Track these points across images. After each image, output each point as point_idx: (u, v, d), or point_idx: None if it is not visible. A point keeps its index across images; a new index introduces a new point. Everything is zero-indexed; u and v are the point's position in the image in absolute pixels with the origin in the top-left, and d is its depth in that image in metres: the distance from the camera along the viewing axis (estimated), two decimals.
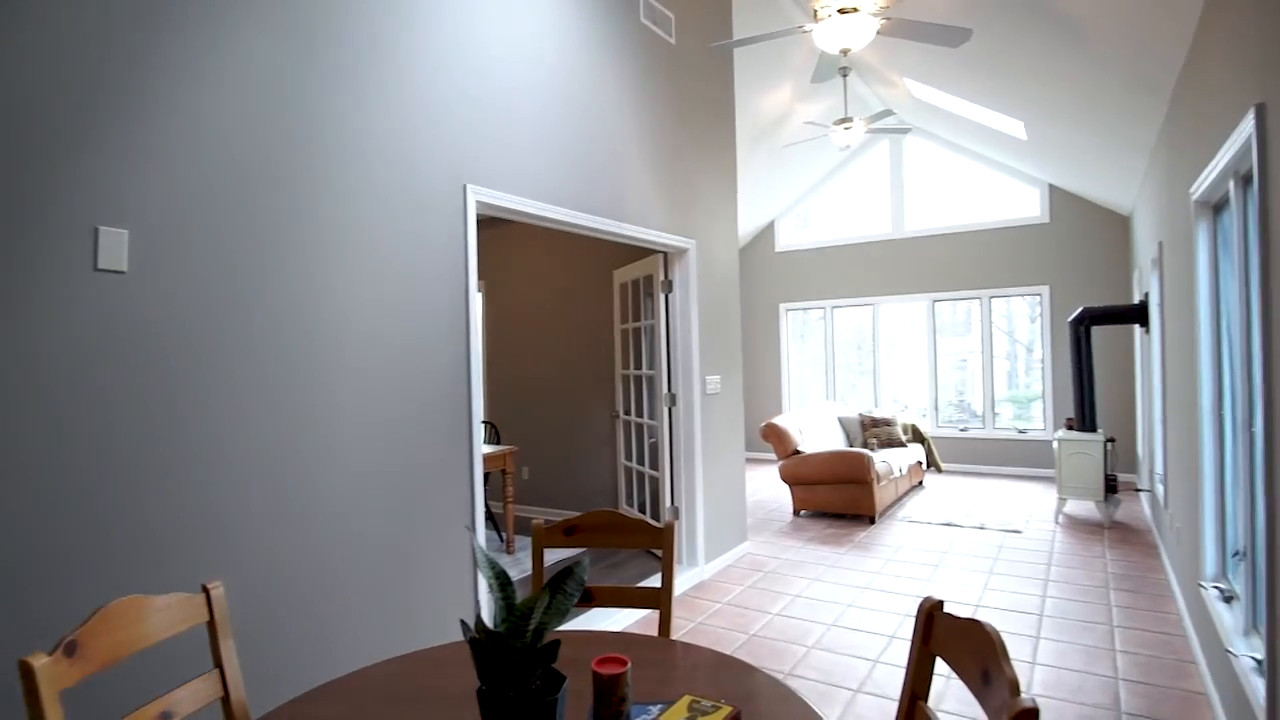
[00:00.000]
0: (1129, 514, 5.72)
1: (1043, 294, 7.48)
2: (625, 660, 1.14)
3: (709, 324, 4.47)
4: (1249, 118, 1.87)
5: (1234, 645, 2.22)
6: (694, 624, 3.62)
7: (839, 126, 6.18)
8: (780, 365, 9.14)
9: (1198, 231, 2.78)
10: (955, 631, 1.16)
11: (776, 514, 6.04)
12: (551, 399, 5.88)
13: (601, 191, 3.58)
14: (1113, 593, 3.91)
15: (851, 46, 3.14)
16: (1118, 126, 4.51)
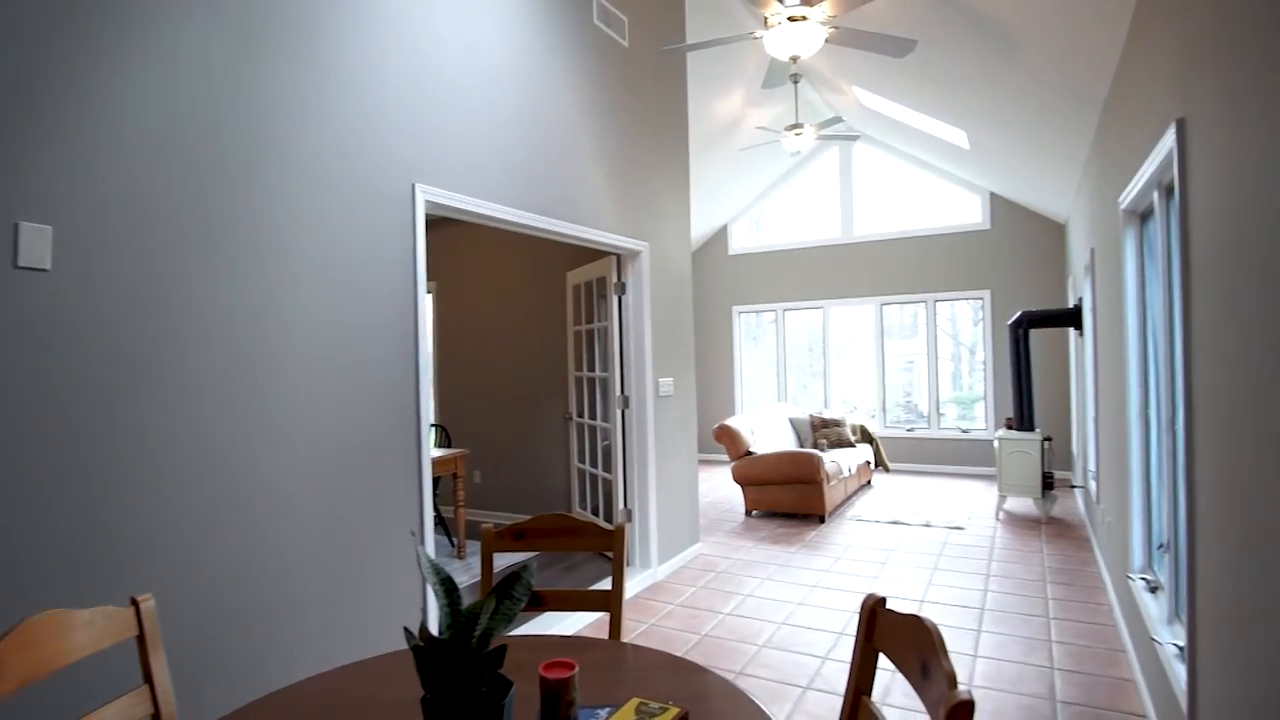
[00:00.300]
0: (1065, 510, 5.95)
1: (984, 298, 7.73)
2: (573, 664, 1.13)
3: (662, 326, 4.48)
4: (1170, 132, 1.96)
5: (1159, 634, 2.33)
6: (647, 625, 3.63)
7: (790, 132, 6.28)
8: (733, 367, 9.23)
9: (1126, 239, 2.91)
10: (896, 627, 1.19)
11: (729, 514, 6.10)
12: (504, 402, 5.82)
13: (554, 192, 3.56)
14: (1049, 585, 4.06)
15: (801, 54, 3.20)
16: (1053, 137, 4.69)
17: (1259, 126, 1.35)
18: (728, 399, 9.26)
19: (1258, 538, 1.41)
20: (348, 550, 2.39)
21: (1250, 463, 1.46)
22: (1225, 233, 1.57)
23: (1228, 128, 1.54)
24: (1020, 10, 3.26)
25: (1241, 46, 1.44)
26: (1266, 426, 1.35)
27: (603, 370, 4.60)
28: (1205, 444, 1.83)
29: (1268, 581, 1.36)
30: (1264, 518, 1.37)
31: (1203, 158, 1.75)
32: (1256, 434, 1.41)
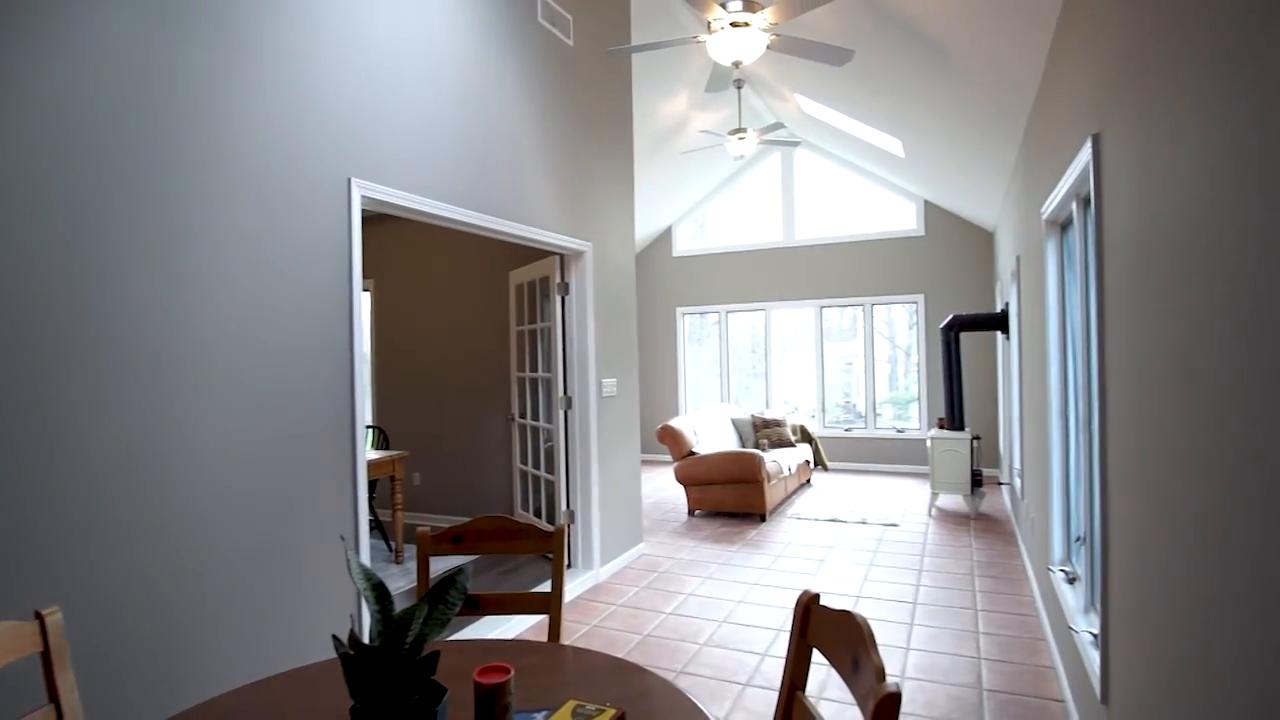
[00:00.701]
0: (992, 506, 6.21)
1: (919, 301, 8.00)
2: (508, 668, 1.12)
3: (605, 326, 4.48)
4: (1087, 146, 2.07)
5: (1075, 623, 2.45)
6: (589, 627, 3.62)
7: (733, 136, 6.36)
8: (677, 368, 9.30)
9: (1047, 247, 3.05)
10: (829, 623, 1.22)
11: (672, 514, 6.14)
12: (445, 403, 5.72)
13: (497, 191, 3.52)
14: (977, 579, 4.22)
15: (743, 59, 3.25)
16: (982, 149, 4.89)
17: (1165, 142, 1.43)
18: (671, 400, 9.32)
19: (1160, 533, 1.50)
20: (276, 557, 2.31)
21: (1154, 461, 1.55)
22: (1135, 242, 1.67)
23: (1138, 143, 1.63)
24: (951, 27, 3.38)
25: (1150, 69, 1.53)
26: (1168, 427, 1.44)
27: (546, 371, 4.57)
28: (1116, 443, 1.93)
29: (1169, 571, 1.45)
30: (1166, 513, 1.46)
31: (1116, 171, 1.85)
32: (1160, 434, 1.50)
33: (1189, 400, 1.31)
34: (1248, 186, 1.04)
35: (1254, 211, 1.01)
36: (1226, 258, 1.12)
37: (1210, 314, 1.20)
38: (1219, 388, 1.16)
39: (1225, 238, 1.13)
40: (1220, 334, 1.15)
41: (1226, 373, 1.13)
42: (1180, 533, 1.38)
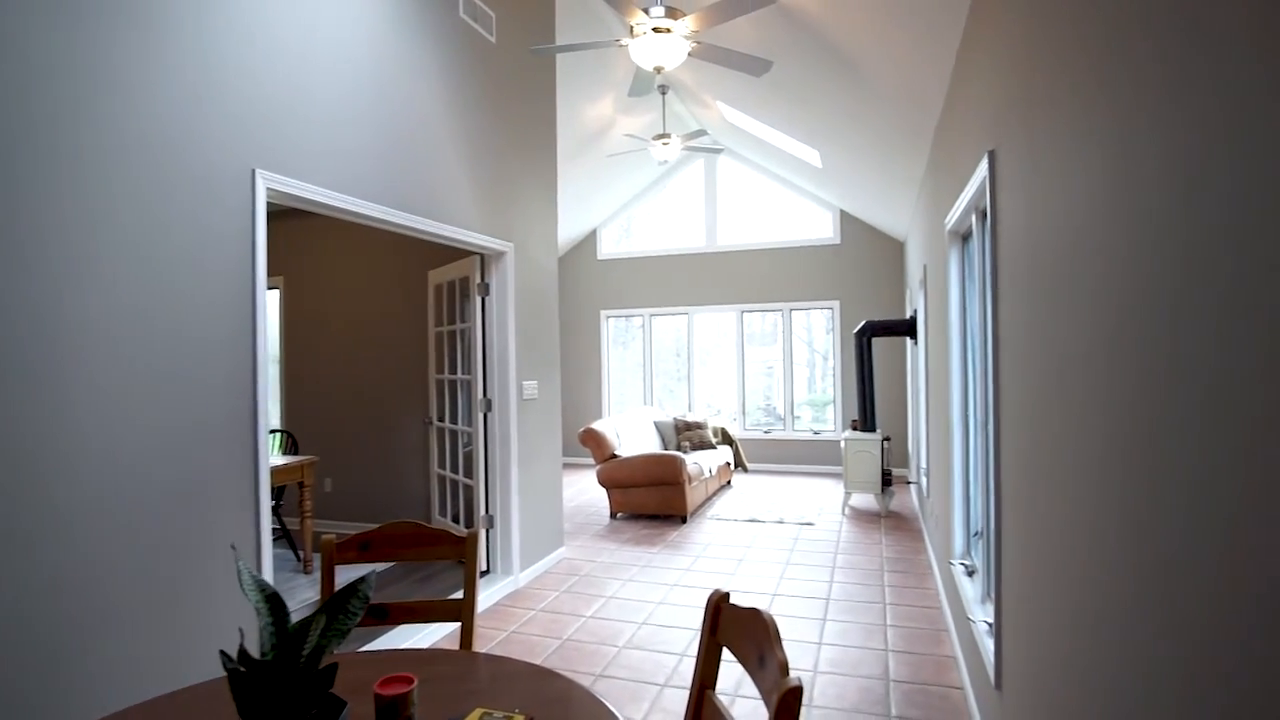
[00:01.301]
0: (901, 504, 6.48)
1: (834, 307, 8.28)
2: (411, 678, 1.08)
3: (527, 328, 4.43)
4: (984, 163, 2.19)
5: (973, 613, 2.58)
6: (507, 633, 3.56)
7: (658, 141, 6.42)
8: (601, 371, 9.29)
9: (950, 257, 3.21)
10: (737, 621, 1.24)
11: (595, 518, 6.12)
12: (359, 405, 5.52)
13: (415, 188, 3.43)
14: (886, 574, 4.39)
15: (665, 65, 3.28)
16: (894, 162, 5.11)
17: (1049, 160, 1.53)
18: (595, 402, 9.30)
19: (1044, 526, 1.60)
20: (166, 570, 2.16)
21: (1040, 459, 1.66)
22: (1025, 253, 1.78)
23: (1027, 160, 1.74)
24: (864, 44, 3.52)
25: (1036, 92, 1.63)
26: (1051, 426, 1.54)
27: (465, 373, 4.47)
28: (1008, 442, 2.05)
29: (1053, 562, 1.55)
30: (1048, 508, 1.56)
31: (1009, 185, 1.96)
32: (1045, 433, 1.60)
33: (1066, 400, 1.41)
34: (1118, 202, 1.12)
35: (1125, 225, 1.10)
36: (1101, 268, 1.20)
37: (1087, 319, 1.28)
38: (1092, 389, 1.25)
39: (1099, 250, 1.21)
40: (1095, 338, 1.24)
41: (1100, 374, 1.21)
42: (1061, 526, 1.47)
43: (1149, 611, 0.98)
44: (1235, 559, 0.74)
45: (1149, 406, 0.98)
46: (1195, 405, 0.84)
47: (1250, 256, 0.71)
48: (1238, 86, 0.73)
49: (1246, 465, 0.71)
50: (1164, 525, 0.93)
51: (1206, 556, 0.80)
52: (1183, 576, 0.87)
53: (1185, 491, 0.86)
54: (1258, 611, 0.70)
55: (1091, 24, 1.23)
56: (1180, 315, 0.88)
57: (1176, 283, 0.89)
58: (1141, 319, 1.01)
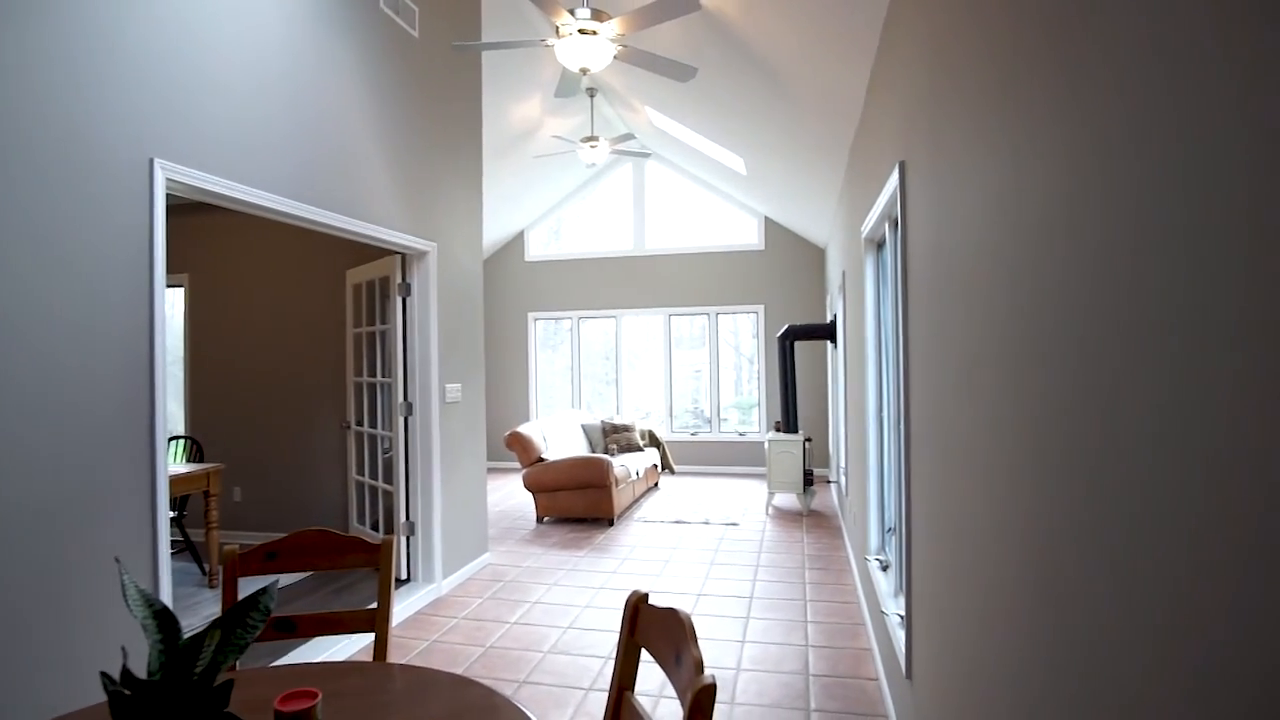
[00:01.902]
0: (822, 503, 6.67)
1: (759, 312, 8.46)
2: (315, 693, 1.04)
3: (450, 330, 4.33)
4: (895, 173, 2.28)
5: (886, 606, 2.68)
6: (428, 643, 3.47)
7: (585, 144, 6.40)
8: (528, 374, 9.19)
9: (866, 263, 3.33)
10: (655, 621, 1.24)
11: (521, 522, 6.04)
12: (272, 410, 5.27)
13: (332, 183, 3.30)
14: (807, 571, 4.51)
15: (590, 67, 3.27)
16: (815, 171, 5.26)
17: (950, 171, 1.61)
18: (523, 406, 9.19)
19: (946, 521, 1.68)
20: (58, 587, 2.00)
21: (942, 457, 1.74)
22: (931, 259, 1.86)
23: (932, 171, 1.82)
24: (786, 55, 3.61)
25: (940, 107, 1.71)
26: (954, 426, 1.61)
27: (385, 375, 4.34)
28: (918, 440, 2.14)
29: (953, 556, 1.62)
30: (951, 505, 1.64)
31: (917, 195, 2.05)
32: (947, 432, 1.68)
33: (970, 400, 1.48)
34: (1010, 211, 1.18)
35: (1015, 233, 1.16)
36: (997, 275, 1.27)
37: (987, 322, 1.35)
38: (994, 389, 1.32)
39: (994, 256, 1.28)
40: (995, 340, 1.31)
41: (1001, 375, 1.28)
42: (966, 520, 1.54)
43: (1048, 603, 1.04)
44: (1132, 552, 0.79)
45: (1047, 406, 1.04)
46: (1094, 405, 0.89)
47: (1133, 261, 0.76)
48: (1120, 103, 0.79)
49: (1144, 462, 0.76)
50: (1062, 519, 0.99)
51: (1104, 550, 0.85)
52: (1080, 569, 0.93)
53: (1083, 488, 0.92)
54: (1152, 603, 0.75)
55: (987, 45, 1.30)
56: (1069, 317, 0.94)
57: (1064, 286, 0.95)
58: (1036, 322, 1.07)
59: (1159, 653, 0.69)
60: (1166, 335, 0.67)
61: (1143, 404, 0.71)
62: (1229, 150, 0.57)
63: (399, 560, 4.14)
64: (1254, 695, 0.54)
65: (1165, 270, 0.67)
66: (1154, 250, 0.69)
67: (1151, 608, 0.70)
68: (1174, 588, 0.66)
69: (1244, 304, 0.55)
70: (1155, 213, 0.69)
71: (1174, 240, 0.65)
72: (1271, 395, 0.51)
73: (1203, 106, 0.60)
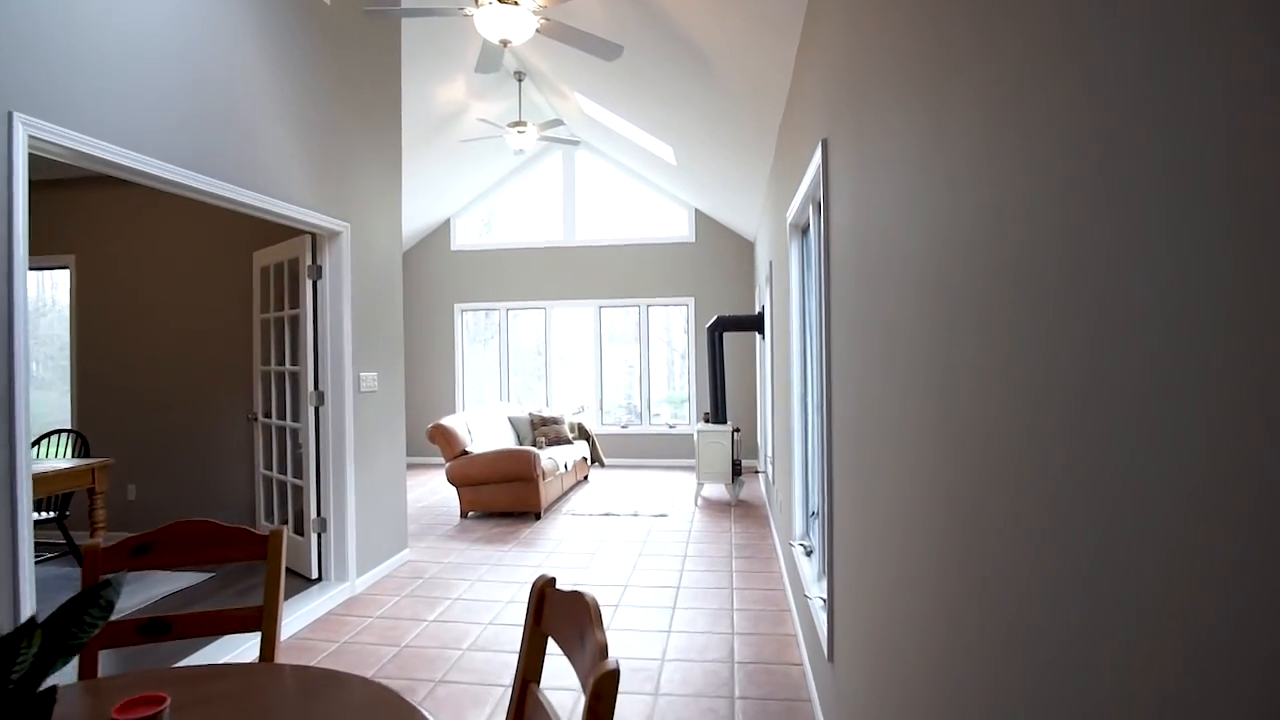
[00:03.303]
0: (750, 493, 6.72)
1: (689, 304, 8.46)
2: (161, 699, 0.91)
3: (365, 316, 4.12)
4: (818, 152, 2.26)
5: (810, 590, 2.67)
6: (339, 644, 3.28)
7: (513, 129, 6.24)
8: (455, 366, 8.93)
9: (791, 249, 3.33)
10: (560, 605, 1.16)
11: (444, 517, 5.84)
12: (172, 401, 4.91)
13: (233, 155, 3.07)
14: (734, 560, 4.51)
15: (511, 39, 3.15)
16: (743, 159, 5.26)
17: (871, 147, 1.58)
18: (449, 399, 8.92)
19: (867, 503, 1.66)
20: None
21: (863, 441, 1.71)
22: (853, 240, 1.83)
23: (854, 148, 1.79)
24: (712, 37, 3.57)
25: (863, 83, 1.68)
26: (873, 409, 1.59)
27: (295, 364, 4.09)
28: (839, 425, 2.12)
29: (873, 539, 1.60)
30: (869, 489, 1.61)
31: (839, 174, 2.03)
32: (867, 416, 1.66)
33: (889, 384, 1.45)
34: (928, 191, 1.15)
35: (933, 215, 1.13)
36: (918, 250, 1.24)
37: (907, 304, 1.32)
38: (913, 373, 1.29)
39: (915, 233, 1.25)
40: (915, 316, 1.27)
41: (919, 356, 1.25)
42: (885, 502, 1.52)
43: (969, 586, 1.01)
44: (1056, 537, 0.76)
45: (970, 387, 1.00)
46: (1020, 385, 0.85)
47: (1061, 236, 0.72)
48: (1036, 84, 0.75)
49: (1068, 446, 0.72)
50: (985, 503, 0.96)
51: (1026, 534, 0.82)
52: (1002, 553, 0.89)
53: (1006, 471, 0.88)
54: (1075, 589, 0.71)
55: (902, 13, 1.26)
56: (992, 293, 0.90)
57: (988, 261, 0.91)
58: (959, 298, 1.04)
59: (1080, 639, 0.65)
60: (1093, 311, 0.63)
61: (1069, 386, 0.67)
62: (1140, 115, 0.52)
63: (310, 559, 3.91)
64: (1177, 672, 0.50)
65: (1091, 242, 0.63)
66: (1082, 223, 0.65)
67: (1074, 593, 0.66)
68: (1098, 572, 0.62)
69: (1171, 270, 0.50)
70: (1081, 182, 0.65)
71: (1100, 210, 0.61)
72: (1196, 367, 0.47)
73: (1116, 72, 0.56)
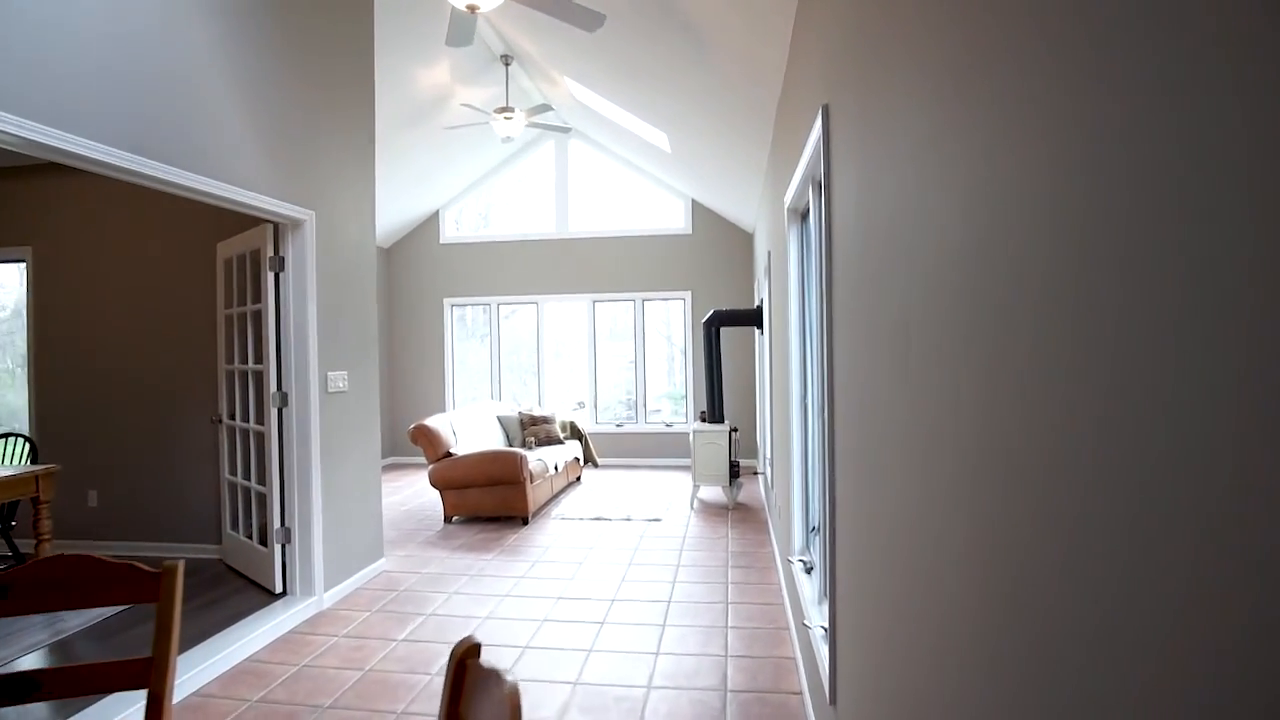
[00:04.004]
0: (749, 495, 6.44)
1: (686, 299, 8.18)
2: None
3: (334, 310, 3.84)
4: (819, 122, 1.98)
5: (810, 616, 2.40)
6: (297, 668, 3.01)
7: (500, 115, 5.95)
8: (444, 363, 8.65)
9: (790, 236, 3.05)
10: (481, 689, 0.88)
11: (428, 522, 5.58)
12: (137, 402, 4.64)
13: (181, 137, 2.80)
14: (730, 570, 4.24)
15: (479, 4, 2.86)
16: (739, 146, 4.98)
17: (879, 117, 1.30)
18: (438, 397, 8.64)
19: (871, 521, 1.38)
20: None
21: (867, 449, 1.44)
22: (859, 219, 1.55)
23: (859, 115, 1.51)
24: (703, 10, 3.28)
25: (869, 43, 1.40)
26: (879, 415, 1.31)
27: (258, 363, 3.81)
28: (843, 429, 1.85)
29: (878, 562, 1.32)
30: (876, 505, 1.34)
31: (842, 144, 1.75)
32: (872, 421, 1.38)
33: (901, 385, 1.17)
34: (950, 156, 0.87)
35: (950, 191, 0.85)
36: (934, 233, 0.96)
37: (922, 294, 1.04)
38: (926, 373, 1.01)
39: (931, 212, 0.97)
40: (933, 313, 0.99)
41: (939, 352, 0.97)
42: (895, 522, 1.24)
43: (997, 624, 0.73)
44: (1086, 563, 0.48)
45: (997, 389, 0.73)
46: (1055, 387, 0.58)
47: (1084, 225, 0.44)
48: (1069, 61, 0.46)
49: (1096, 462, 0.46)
50: (1017, 524, 0.68)
51: (1054, 558, 0.55)
52: (1037, 583, 0.62)
53: (1043, 487, 0.61)
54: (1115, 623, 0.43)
55: None
56: (1022, 278, 0.63)
57: (1020, 244, 0.63)
58: (986, 286, 0.76)
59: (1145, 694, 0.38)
60: (1140, 308, 0.41)
61: (1114, 387, 0.40)
62: None
63: (274, 572, 3.64)
64: None
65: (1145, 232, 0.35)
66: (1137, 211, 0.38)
67: (1127, 625, 0.39)
68: (1150, 603, 0.35)
69: None
70: (1128, 168, 0.37)
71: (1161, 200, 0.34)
72: None
73: None
